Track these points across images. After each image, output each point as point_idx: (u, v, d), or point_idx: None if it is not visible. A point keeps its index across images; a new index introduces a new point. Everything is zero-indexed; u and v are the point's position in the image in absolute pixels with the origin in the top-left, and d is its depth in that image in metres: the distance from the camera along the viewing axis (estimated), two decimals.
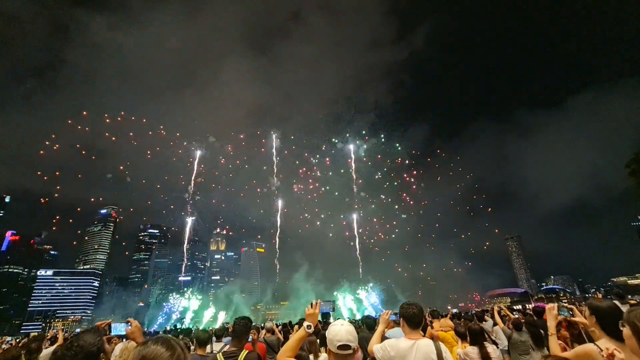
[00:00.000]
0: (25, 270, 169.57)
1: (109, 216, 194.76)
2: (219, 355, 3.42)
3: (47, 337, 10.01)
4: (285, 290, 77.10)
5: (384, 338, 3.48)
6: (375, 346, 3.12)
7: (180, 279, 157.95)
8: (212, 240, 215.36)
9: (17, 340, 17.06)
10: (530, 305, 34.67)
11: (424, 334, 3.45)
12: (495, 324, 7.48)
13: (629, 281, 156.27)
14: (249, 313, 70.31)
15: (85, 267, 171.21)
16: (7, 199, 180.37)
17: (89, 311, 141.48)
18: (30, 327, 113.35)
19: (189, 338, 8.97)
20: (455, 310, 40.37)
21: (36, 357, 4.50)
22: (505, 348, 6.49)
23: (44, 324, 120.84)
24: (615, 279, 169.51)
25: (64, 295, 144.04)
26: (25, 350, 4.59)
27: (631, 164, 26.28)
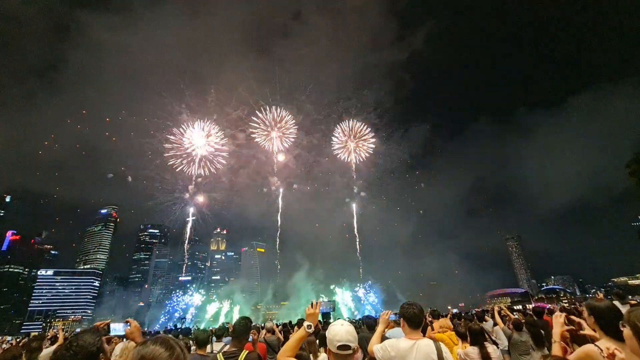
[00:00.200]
0: (26, 270, 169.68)
1: (109, 216, 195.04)
2: (219, 356, 3.41)
3: (48, 337, 10.00)
4: (286, 290, 77.17)
5: (384, 338, 3.48)
6: (375, 346, 3.12)
7: (181, 278, 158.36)
8: (213, 240, 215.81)
9: (18, 340, 17.05)
10: (530, 306, 34.69)
11: (423, 334, 3.45)
12: (495, 324, 7.48)
13: (630, 281, 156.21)
14: (250, 313, 70.46)
15: (85, 267, 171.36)
16: (8, 199, 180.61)
17: (89, 311, 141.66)
18: (31, 327, 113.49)
19: (189, 338, 8.98)
20: (455, 310, 40.44)
21: (36, 357, 4.50)
22: (506, 348, 6.50)
23: (44, 324, 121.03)
24: (615, 279, 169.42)
25: (64, 295, 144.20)
26: (26, 350, 4.60)
27: (631, 164, 26.27)
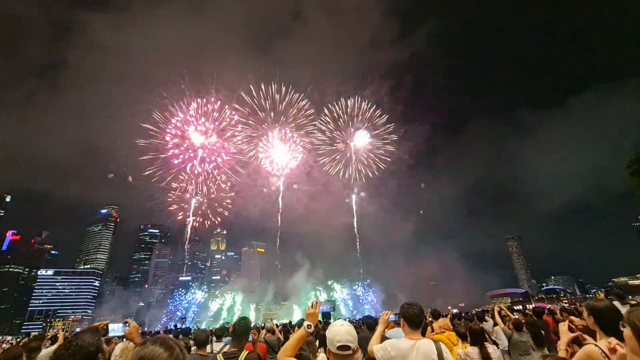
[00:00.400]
0: (26, 270, 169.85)
1: (109, 216, 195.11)
2: (219, 356, 3.40)
3: (48, 337, 10.01)
4: (286, 290, 77.22)
5: (384, 338, 3.47)
6: (375, 346, 3.11)
7: (181, 278, 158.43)
8: (213, 240, 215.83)
9: (18, 340, 17.07)
10: (530, 306, 34.66)
11: (423, 335, 3.45)
12: (495, 324, 7.48)
13: (630, 281, 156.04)
14: (252, 312, 70.70)
15: (85, 267, 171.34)
16: (8, 199, 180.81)
17: (89, 311, 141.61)
18: (31, 327, 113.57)
19: (189, 338, 8.97)
20: (455, 310, 40.48)
21: (35, 357, 4.50)
22: (506, 348, 6.49)
23: (44, 324, 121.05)
24: (616, 279, 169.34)
25: (64, 295, 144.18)
26: (25, 350, 4.60)
27: (632, 164, 26.13)
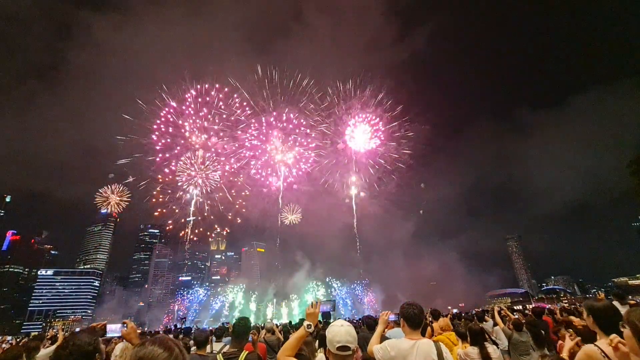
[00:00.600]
0: (26, 269, 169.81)
1: (109, 216, 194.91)
2: (219, 356, 3.40)
3: (47, 337, 10.02)
4: (286, 290, 77.35)
5: (384, 338, 3.47)
6: (375, 347, 3.10)
7: (181, 278, 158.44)
8: (213, 240, 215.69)
9: (18, 340, 17.07)
10: (530, 306, 34.68)
11: (423, 335, 3.44)
12: (495, 324, 7.47)
13: (630, 281, 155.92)
14: (254, 312, 70.90)
15: (85, 267, 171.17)
16: (8, 199, 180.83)
17: (89, 311, 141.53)
18: (31, 327, 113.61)
19: (190, 338, 8.97)
20: (455, 310, 40.48)
21: (34, 357, 4.51)
22: (506, 348, 6.49)
23: (44, 324, 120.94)
24: (616, 280, 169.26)
25: (64, 295, 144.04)
26: (25, 350, 4.61)
27: (632, 164, 26.17)
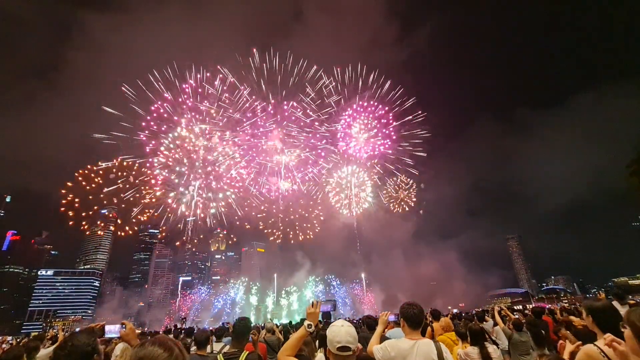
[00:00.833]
0: (26, 270, 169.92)
1: (109, 216, 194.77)
2: (220, 356, 3.40)
3: (48, 337, 10.02)
4: (286, 288, 77.54)
5: (383, 338, 3.47)
6: (375, 347, 3.10)
7: (181, 279, 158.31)
8: (213, 240, 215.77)
9: (18, 340, 17.07)
10: (530, 306, 34.69)
11: (423, 335, 3.44)
12: (495, 324, 7.48)
13: (630, 281, 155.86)
14: (254, 307, 71.01)
15: (85, 267, 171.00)
16: (8, 199, 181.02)
17: (89, 311, 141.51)
18: (31, 327, 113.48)
19: (190, 338, 8.97)
20: (455, 310, 40.48)
21: (34, 357, 4.52)
22: (506, 348, 6.50)
23: (44, 324, 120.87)
24: (616, 279, 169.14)
25: (64, 295, 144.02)
26: (25, 350, 4.62)
27: (632, 164, 26.17)
